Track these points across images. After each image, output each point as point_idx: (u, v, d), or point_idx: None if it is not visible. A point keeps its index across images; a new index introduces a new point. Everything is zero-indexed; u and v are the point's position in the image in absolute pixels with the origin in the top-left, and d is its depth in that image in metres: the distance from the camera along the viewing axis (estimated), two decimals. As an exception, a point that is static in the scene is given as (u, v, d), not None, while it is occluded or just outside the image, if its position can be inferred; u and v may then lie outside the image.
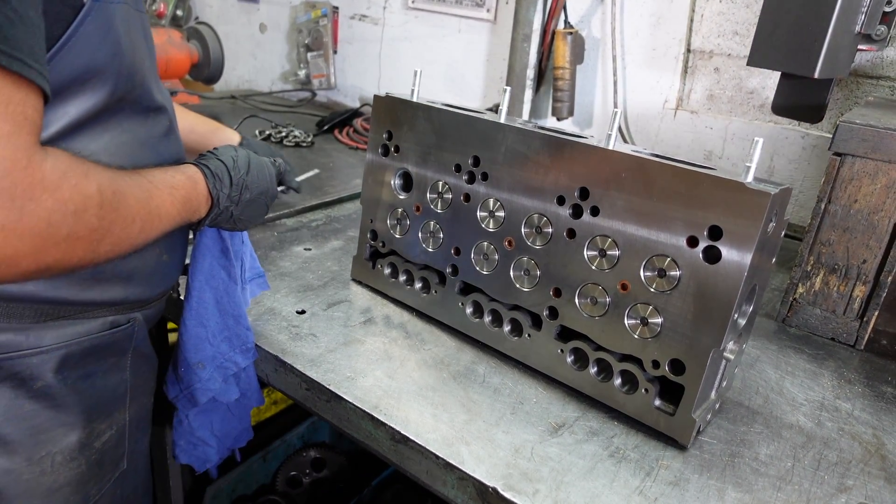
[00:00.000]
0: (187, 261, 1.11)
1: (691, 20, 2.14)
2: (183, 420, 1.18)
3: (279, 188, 1.39)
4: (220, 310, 1.10)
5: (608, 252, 1.01)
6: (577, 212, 1.05)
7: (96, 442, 0.95)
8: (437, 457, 0.93)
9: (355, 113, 2.80)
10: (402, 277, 1.32)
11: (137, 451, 1.07)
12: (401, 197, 1.29)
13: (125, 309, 0.96)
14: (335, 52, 3.14)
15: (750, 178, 0.88)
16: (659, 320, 0.97)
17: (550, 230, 1.08)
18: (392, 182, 1.30)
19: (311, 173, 1.93)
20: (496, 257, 1.16)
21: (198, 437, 1.20)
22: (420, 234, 1.26)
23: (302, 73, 3.24)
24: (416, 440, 0.96)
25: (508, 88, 1.17)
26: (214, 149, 1.05)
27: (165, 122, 0.95)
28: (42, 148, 0.67)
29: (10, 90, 0.63)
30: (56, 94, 0.75)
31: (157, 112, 0.93)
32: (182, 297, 1.12)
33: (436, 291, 1.26)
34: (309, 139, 2.51)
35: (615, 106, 2.30)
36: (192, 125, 1.34)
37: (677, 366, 0.97)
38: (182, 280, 1.13)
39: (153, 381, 1.09)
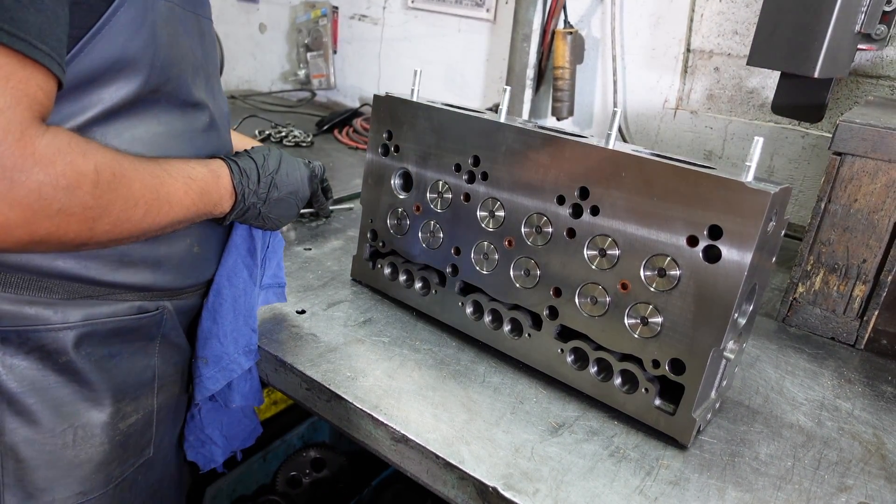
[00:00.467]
0: None
1: (691, 20, 2.14)
2: (195, 415, 1.18)
3: (307, 209, 1.33)
4: (235, 309, 1.10)
5: (608, 251, 1.01)
6: (576, 211, 1.05)
7: (121, 423, 0.96)
8: (438, 456, 0.93)
9: (355, 113, 2.80)
10: (402, 277, 1.32)
11: (166, 442, 1.08)
12: (401, 197, 1.29)
13: (154, 296, 0.97)
14: (335, 52, 3.14)
15: (750, 178, 0.88)
16: (659, 320, 0.97)
17: (550, 230, 1.08)
18: (392, 182, 1.30)
19: (346, 206, 1.85)
20: (496, 257, 1.16)
21: (206, 435, 1.19)
22: (420, 234, 1.26)
23: (301, 73, 3.24)
24: (416, 440, 0.96)
25: (508, 88, 1.17)
26: (248, 149, 1.08)
27: (205, 119, 0.98)
28: (41, 125, 0.69)
29: (12, 67, 0.65)
30: (90, 82, 0.79)
31: (195, 107, 0.95)
32: None
33: (436, 291, 1.26)
34: (309, 139, 2.51)
35: (615, 106, 2.30)
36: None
37: (677, 365, 0.97)
38: None
39: (187, 374, 1.11)
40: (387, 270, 1.35)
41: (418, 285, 1.30)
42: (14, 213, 0.66)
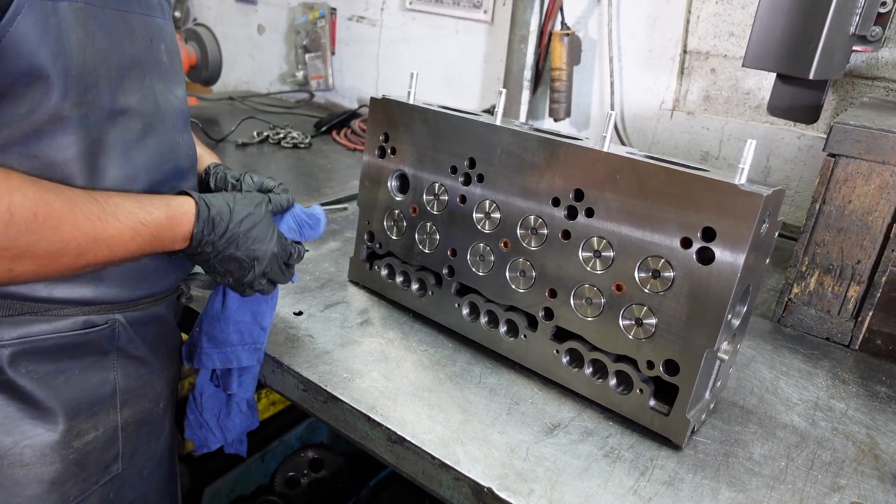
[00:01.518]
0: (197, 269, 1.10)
1: (687, 21, 2.14)
2: (196, 398, 1.18)
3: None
4: (241, 298, 1.10)
5: (603, 253, 1.02)
6: (571, 213, 1.05)
7: (75, 441, 0.92)
8: (433, 457, 0.94)
9: (353, 114, 2.81)
10: (399, 279, 1.33)
11: (142, 457, 1.04)
12: (397, 199, 1.29)
13: (101, 310, 0.93)
14: (333, 53, 3.15)
15: (743, 180, 0.89)
16: (653, 321, 0.98)
17: (546, 232, 1.08)
18: (389, 184, 1.30)
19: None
20: (492, 259, 1.16)
21: (203, 419, 1.20)
22: (416, 236, 1.27)
23: (300, 75, 3.24)
24: (413, 441, 0.96)
25: (504, 91, 1.17)
26: (238, 194, 1.00)
27: (137, 126, 0.91)
28: None
29: None
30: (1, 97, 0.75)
31: (124, 115, 0.88)
32: (188, 304, 1.13)
33: (432, 293, 1.27)
34: (307, 140, 2.52)
35: (611, 107, 2.31)
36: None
37: (672, 366, 0.98)
38: (192, 286, 1.12)
39: (161, 387, 1.07)
40: (384, 272, 1.35)
41: (415, 287, 1.30)
42: None
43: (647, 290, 0.98)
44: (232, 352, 1.11)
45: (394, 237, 1.31)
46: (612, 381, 1.05)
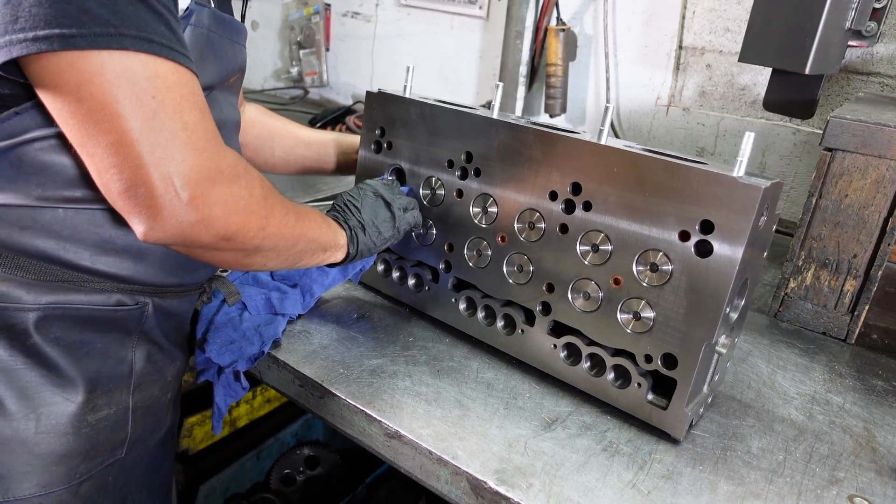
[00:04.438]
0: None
1: (683, 17, 2.14)
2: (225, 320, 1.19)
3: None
4: (256, 314, 1.15)
5: (601, 247, 1.02)
6: (569, 207, 1.05)
7: (90, 416, 0.94)
8: (431, 452, 0.93)
9: (348, 110, 2.80)
10: (396, 274, 1.32)
11: (142, 444, 1.05)
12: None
13: (134, 290, 0.96)
14: (328, 49, 3.14)
15: (741, 173, 0.89)
16: (651, 315, 0.98)
17: (543, 226, 1.08)
18: (385, 178, 1.29)
19: None
20: (489, 253, 1.16)
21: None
22: (413, 231, 1.26)
23: (294, 71, 3.23)
24: (410, 436, 0.96)
25: (501, 84, 1.17)
26: (358, 206, 1.15)
27: None
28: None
29: (191, 84, 0.78)
30: None
31: None
32: (207, 303, 1.15)
33: (429, 288, 1.26)
34: (301, 137, 2.50)
35: (608, 102, 2.30)
36: (307, 139, 1.48)
37: (670, 360, 0.97)
38: (216, 286, 1.15)
39: (171, 377, 1.08)
40: (380, 267, 1.35)
41: (411, 282, 1.30)
42: (216, 209, 0.79)
43: (645, 284, 0.98)
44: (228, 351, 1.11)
45: (390, 232, 1.31)
46: (610, 376, 1.05)
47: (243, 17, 1.17)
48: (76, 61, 0.71)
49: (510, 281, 1.14)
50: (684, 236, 0.93)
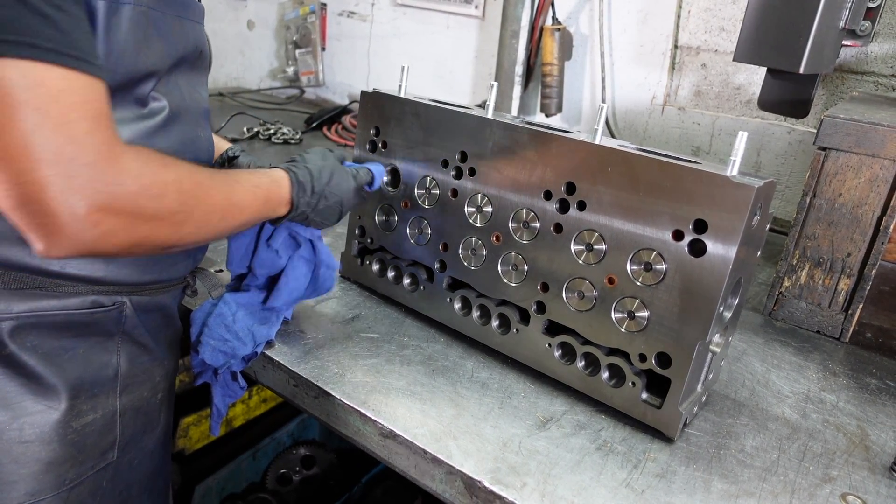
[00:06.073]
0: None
1: (678, 16, 2.15)
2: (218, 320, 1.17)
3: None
4: (250, 312, 1.14)
5: (595, 246, 1.02)
6: (563, 207, 1.05)
7: (75, 422, 0.93)
8: (426, 452, 0.93)
9: (344, 110, 2.80)
10: (391, 274, 1.32)
11: (136, 447, 1.04)
12: (388, 193, 1.29)
13: (110, 290, 0.94)
14: (323, 49, 3.13)
15: (734, 172, 0.89)
16: (645, 314, 0.98)
17: (537, 225, 1.08)
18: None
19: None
20: (484, 253, 1.16)
21: (214, 405, 1.20)
22: (408, 230, 1.26)
23: (290, 71, 3.23)
24: (404, 435, 0.96)
25: (496, 84, 1.17)
26: (302, 154, 1.12)
27: (162, 116, 0.96)
28: (121, 142, 0.75)
29: (84, 90, 0.71)
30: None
31: (154, 105, 0.95)
32: (192, 297, 1.14)
33: (424, 287, 1.26)
34: (297, 136, 2.50)
35: (602, 101, 2.31)
36: None
37: (664, 359, 0.98)
38: (199, 280, 1.14)
39: (160, 378, 1.07)
40: (375, 267, 1.35)
41: (406, 281, 1.30)
42: (117, 220, 0.73)
43: (639, 283, 0.98)
44: (222, 349, 1.11)
45: (385, 232, 1.31)
46: (605, 375, 1.05)
47: None
48: None
49: (505, 280, 1.14)
50: (678, 236, 0.93)
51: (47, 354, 0.89)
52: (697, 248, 0.92)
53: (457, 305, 1.22)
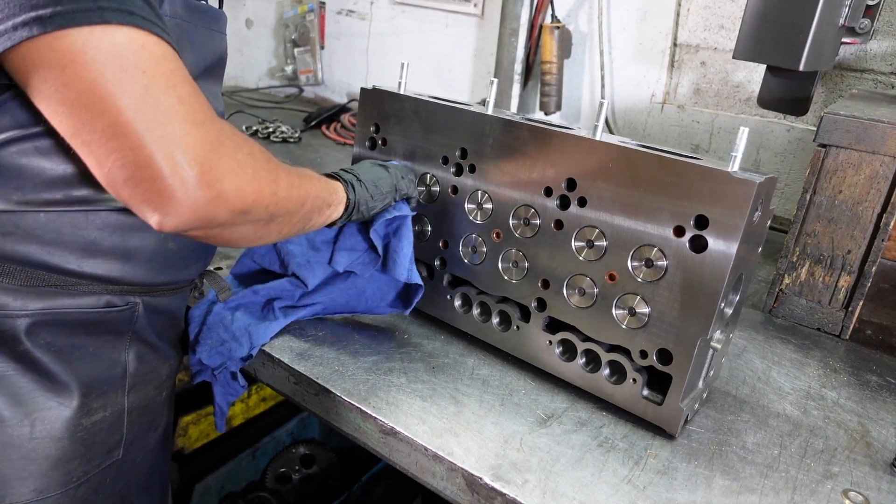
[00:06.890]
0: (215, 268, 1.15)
1: (677, 14, 2.15)
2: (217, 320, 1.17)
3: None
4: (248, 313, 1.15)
5: (595, 243, 1.02)
6: (564, 203, 1.05)
7: (85, 419, 0.93)
8: (427, 449, 0.93)
9: (342, 108, 2.79)
10: (391, 271, 1.32)
11: (139, 445, 1.05)
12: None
13: (123, 291, 0.95)
14: (322, 47, 3.13)
15: (735, 168, 0.89)
16: (646, 310, 0.98)
17: (538, 222, 1.08)
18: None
19: None
20: (484, 250, 1.16)
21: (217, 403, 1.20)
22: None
23: (289, 69, 3.22)
24: (405, 432, 0.95)
25: (496, 81, 1.17)
26: (353, 167, 1.13)
27: None
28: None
29: (177, 59, 0.74)
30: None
31: None
32: (200, 298, 1.15)
33: (424, 285, 1.26)
34: (296, 135, 2.50)
35: (602, 98, 2.31)
36: None
37: (665, 355, 0.97)
38: (206, 282, 1.14)
39: (165, 376, 1.07)
40: (375, 264, 1.34)
41: (407, 279, 1.29)
42: (227, 181, 0.75)
43: (640, 280, 0.98)
44: (219, 352, 1.11)
45: (385, 229, 1.30)
46: (606, 372, 1.05)
47: (221, 2, 1.13)
48: (55, 43, 0.66)
49: (505, 277, 1.14)
50: (679, 232, 0.93)
51: (60, 352, 0.89)
52: (699, 245, 0.92)
53: (457, 303, 1.22)
